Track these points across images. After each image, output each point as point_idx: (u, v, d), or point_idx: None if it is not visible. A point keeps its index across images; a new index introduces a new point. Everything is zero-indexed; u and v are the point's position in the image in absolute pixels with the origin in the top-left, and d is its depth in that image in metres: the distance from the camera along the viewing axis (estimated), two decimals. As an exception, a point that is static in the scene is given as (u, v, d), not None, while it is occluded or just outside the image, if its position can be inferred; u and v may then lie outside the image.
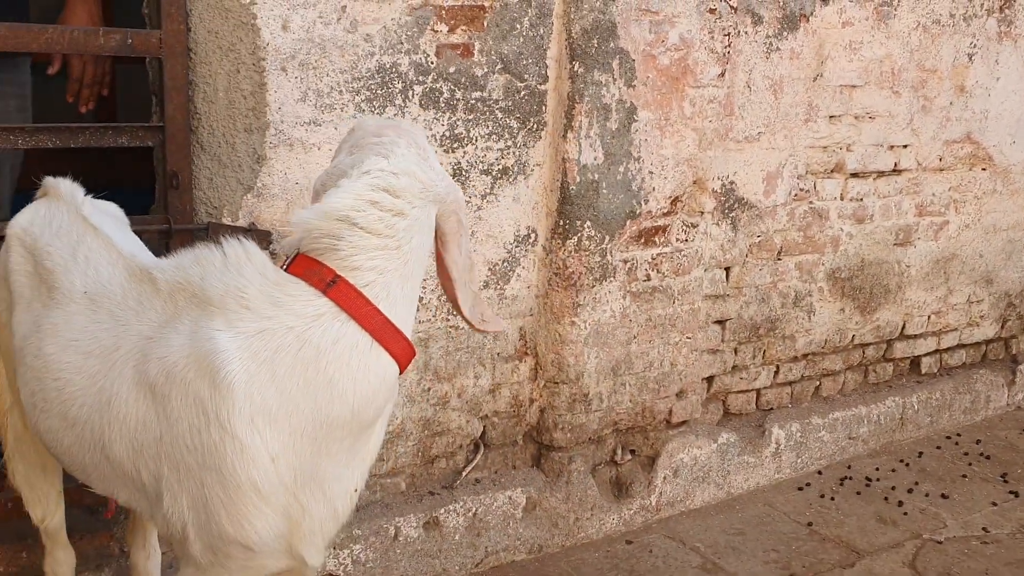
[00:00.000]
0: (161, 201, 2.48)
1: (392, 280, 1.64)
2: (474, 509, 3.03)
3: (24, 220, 1.89)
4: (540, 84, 2.93)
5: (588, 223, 3.07)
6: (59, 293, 1.76)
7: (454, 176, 2.83)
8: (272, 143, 2.54)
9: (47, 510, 2.09)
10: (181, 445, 1.57)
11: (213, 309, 1.59)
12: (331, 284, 1.58)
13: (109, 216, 1.97)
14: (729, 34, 3.28)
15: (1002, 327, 4.66)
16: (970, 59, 4.08)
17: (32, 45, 2.16)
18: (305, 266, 1.61)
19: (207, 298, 1.60)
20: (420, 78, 2.72)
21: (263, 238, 2.56)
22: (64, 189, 1.93)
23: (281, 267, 1.66)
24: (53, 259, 1.80)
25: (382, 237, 1.62)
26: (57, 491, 2.10)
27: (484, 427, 3.13)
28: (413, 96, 2.72)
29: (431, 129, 2.76)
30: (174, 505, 1.60)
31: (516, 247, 3.03)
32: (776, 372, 3.88)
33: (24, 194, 2.76)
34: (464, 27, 2.77)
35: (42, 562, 2.38)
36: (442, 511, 2.97)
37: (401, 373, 1.68)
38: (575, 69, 2.93)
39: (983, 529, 3.49)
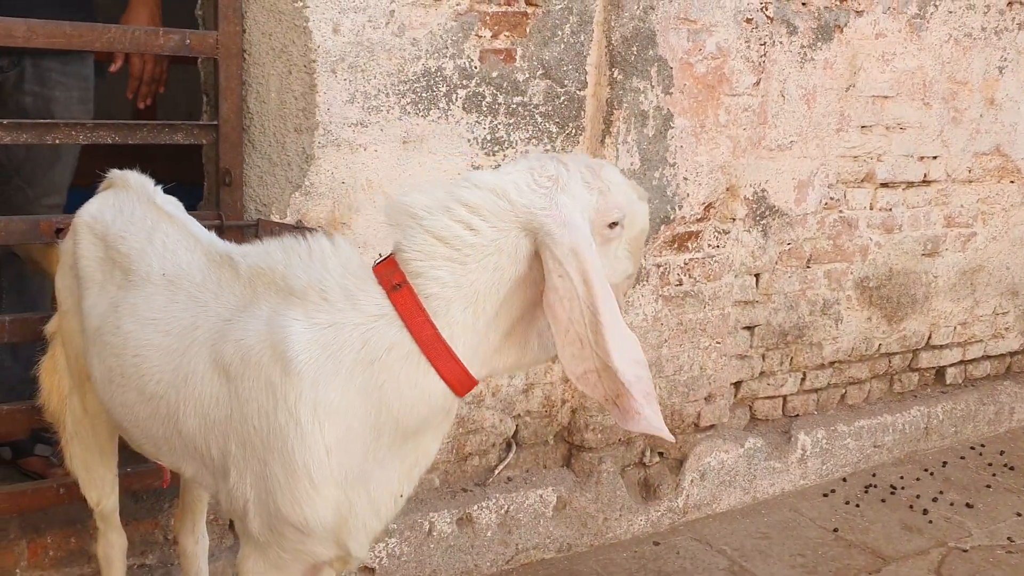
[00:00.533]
0: (213, 197, 2.54)
1: (454, 298, 1.59)
2: (506, 507, 3.08)
3: (93, 209, 1.96)
4: (579, 90, 2.99)
5: (623, 227, 3.12)
6: (136, 276, 1.82)
7: (494, 179, 2.88)
8: (320, 143, 2.61)
9: (103, 493, 2.15)
10: (249, 425, 1.62)
11: (294, 299, 1.63)
12: (396, 287, 1.59)
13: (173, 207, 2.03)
14: (765, 43, 3.33)
15: (1027, 339, 4.69)
16: (1000, 72, 4.11)
17: (95, 44, 2.23)
18: (386, 264, 1.64)
19: (289, 287, 1.65)
20: (464, 82, 2.78)
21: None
22: (133, 180, 1.99)
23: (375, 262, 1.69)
24: (128, 244, 1.86)
25: (448, 247, 1.58)
26: (113, 475, 2.16)
27: (516, 426, 3.18)
28: (457, 99, 2.78)
29: (473, 132, 2.82)
30: (239, 481, 1.66)
31: (552, 250, 3.08)
32: (803, 379, 3.92)
33: (76, 190, 2.85)
34: (507, 33, 2.82)
35: (92, 546, 2.45)
36: (475, 508, 3.02)
37: (460, 396, 1.65)
38: (614, 76, 2.99)
39: (1008, 539, 3.51)
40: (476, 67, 2.79)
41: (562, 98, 2.96)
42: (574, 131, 3.01)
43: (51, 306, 2.65)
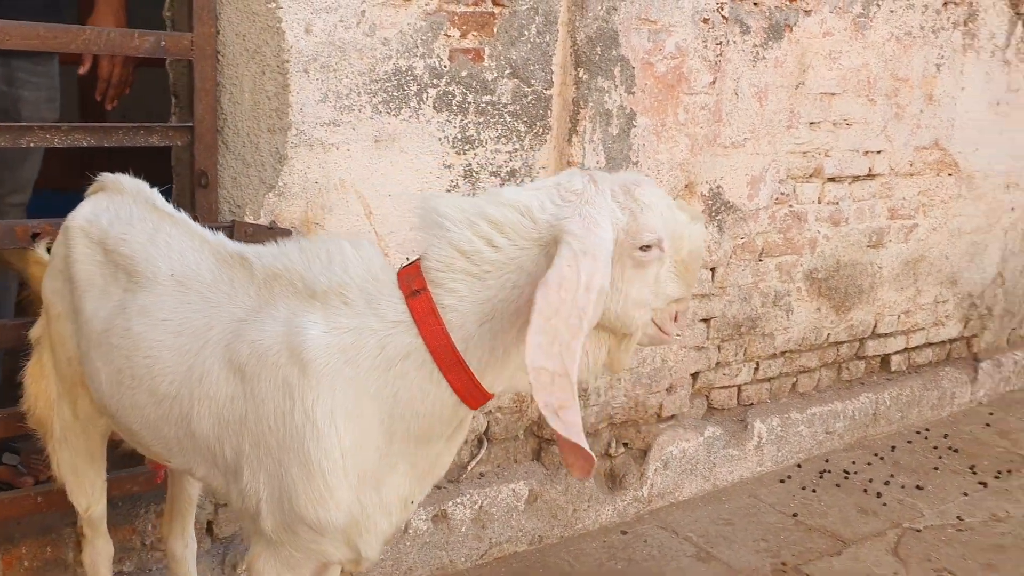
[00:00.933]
0: (186, 199, 2.53)
1: (470, 312, 1.58)
2: (480, 502, 3.11)
3: (86, 214, 1.94)
4: (546, 89, 3.03)
5: (589, 224, 3.17)
6: (142, 277, 1.81)
7: (464, 177, 2.92)
8: (293, 143, 2.61)
9: (92, 499, 2.12)
10: (264, 425, 1.63)
11: (314, 302, 1.64)
12: (415, 293, 1.60)
13: None
14: (721, 43, 3.41)
15: (965, 326, 4.87)
16: (938, 69, 4.28)
17: (71, 45, 2.20)
18: (410, 269, 1.64)
19: (309, 290, 1.66)
20: (434, 81, 2.80)
21: (283, 236, 2.62)
22: (127, 183, 1.98)
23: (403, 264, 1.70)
24: (131, 246, 1.85)
25: (469, 261, 1.58)
26: (102, 480, 2.14)
27: (488, 422, 3.21)
28: (427, 98, 2.80)
29: (443, 131, 2.85)
30: (252, 480, 1.67)
31: (520, 247, 3.12)
32: (756, 368, 4.03)
33: (38, 194, 2.80)
34: (475, 32, 2.85)
35: (68, 555, 2.42)
36: (450, 504, 3.05)
37: (472, 409, 1.65)
38: (580, 75, 3.04)
39: (958, 518, 3.66)
40: (446, 66, 2.82)
41: (529, 97, 3.00)
42: (541, 130, 3.05)
43: (19, 309, 2.61)
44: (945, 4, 4.21)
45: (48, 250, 2.26)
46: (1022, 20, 4.58)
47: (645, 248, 1.61)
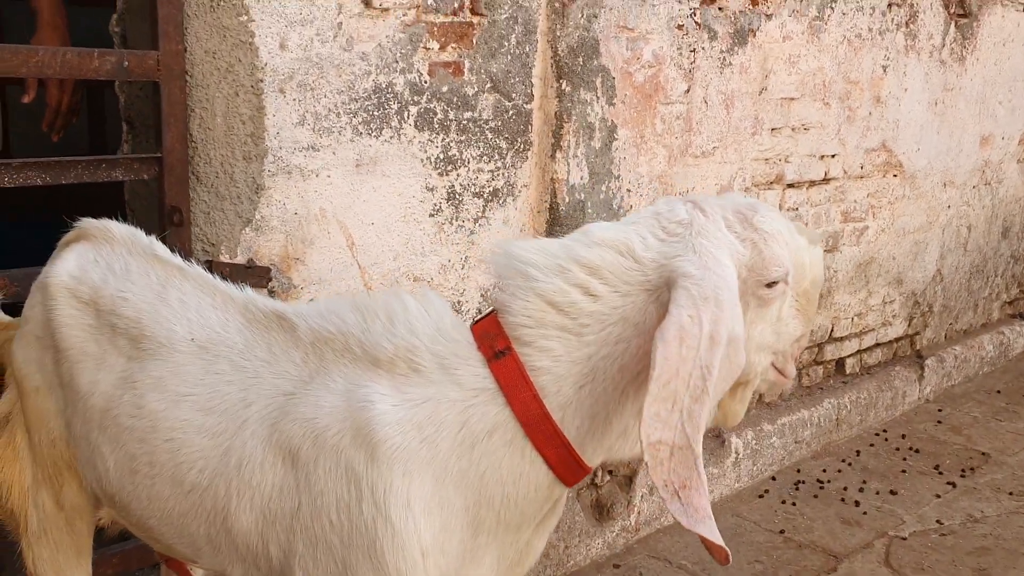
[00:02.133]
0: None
1: (567, 374, 1.36)
2: (473, 547, 2.90)
3: (71, 268, 1.63)
4: (526, 103, 2.84)
5: (572, 244, 3.00)
6: (152, 343, 1.53)
7: (448, 200, 2.70)
8: (271, 171, 2.34)
9: (78, 600, 1.82)
10: (324, 520, 1.38)
11: (379, 370, 1.39)
12: (499, 355, 1.37)
13: None
14: (695, 50, 3.29)
15: (909, 324, 4.90)
16: (884, 71, 4.27)
17: (22, 69, 1.90)
18: (488, 324, 1.41)
19: (371, 356, 1.41)
20: (415, 98, 2.58)
21: (262, 275, 2.36)
22: (118, 231, 1.68)
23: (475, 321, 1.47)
24: (133, 306, 1.56)
25: (562, 315, 1.36)
26: (89, 577, 1.84)
27: (474, 460, 3.00)
28: (408, 117, 2.57)
29: (426, 151, 2.62)
30: None
31: (503, 271, 2.92)
32: (725, 382, 3.92)
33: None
34: (454, 44, 2.64)
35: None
36: (443, 552, 2.82)
37: (569, 486, 1.43)
38: (562, 87, 2.86)
39: (937, 522, 3.63)
40: (426, 81, 2.59)
41: (510, 112, 2.80)
42: (522, 146, 2.86)
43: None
44: (890, 6, 4.20)
45: (3, 308, 1.95)
46: (955, 21, 4.63)
47: (771, 284, 1.42)
